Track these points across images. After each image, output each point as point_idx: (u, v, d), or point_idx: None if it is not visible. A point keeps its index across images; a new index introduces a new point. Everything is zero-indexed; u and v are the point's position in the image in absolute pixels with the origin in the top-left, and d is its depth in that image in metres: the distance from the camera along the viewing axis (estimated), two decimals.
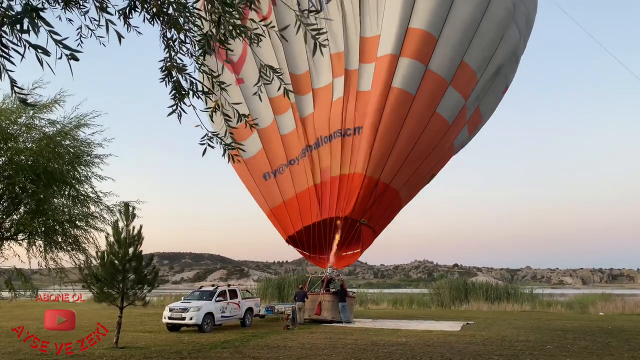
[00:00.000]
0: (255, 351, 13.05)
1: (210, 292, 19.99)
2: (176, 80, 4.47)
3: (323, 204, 21.89)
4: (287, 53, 21.76)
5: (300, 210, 22.75)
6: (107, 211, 13.40)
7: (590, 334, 16.74)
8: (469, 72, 20.68)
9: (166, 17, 4.28)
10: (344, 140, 21.24)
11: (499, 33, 21.15)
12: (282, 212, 23.73)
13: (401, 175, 21.04)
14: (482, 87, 21.89)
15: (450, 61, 20.13)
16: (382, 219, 22.60)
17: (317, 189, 22.06)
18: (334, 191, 21.55)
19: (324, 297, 22.39)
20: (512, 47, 22.52)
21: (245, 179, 24.84)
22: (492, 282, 40.43)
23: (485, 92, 22.66)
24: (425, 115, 20.36)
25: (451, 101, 20.71)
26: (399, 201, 22.39)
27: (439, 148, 21.77)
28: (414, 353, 12.49)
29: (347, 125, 21.20)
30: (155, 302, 34.36)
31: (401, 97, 19.90)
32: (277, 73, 4.56)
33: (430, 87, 20.07)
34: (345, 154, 21.20)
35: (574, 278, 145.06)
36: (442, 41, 19.85)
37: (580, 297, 35.41)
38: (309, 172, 22.20)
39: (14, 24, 3.03)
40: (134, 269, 14.37)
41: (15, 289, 12.37)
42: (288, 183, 23.02)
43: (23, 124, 11.49)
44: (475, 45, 20.39)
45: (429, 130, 20.63)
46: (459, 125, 21.95)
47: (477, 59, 20.76)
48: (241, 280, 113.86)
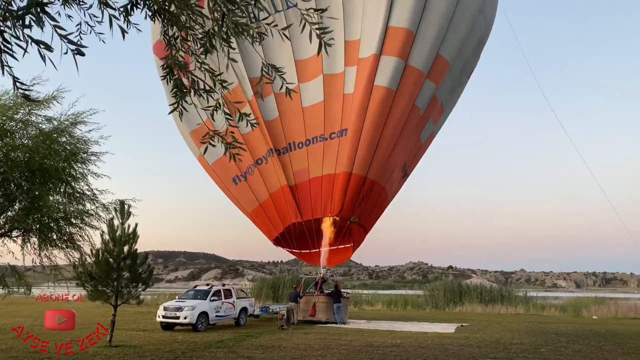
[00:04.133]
0: (250, 351, 13.02)
1: (205, 291, 19.93)
2: (177, 78, 4.45)
3: (303, 204, 21.82)
4: (244, 55, 20.65)
5: (279, 212, 22.63)
6: (103, 209, 13.35)
7: (584, 338, 16.79)
8: (443, 63, 21.03)
9: (167, 14, 4.26)
10: (328, 144, 21.26)
11: (470, 23, 21.60)
12: (260, 214, 23.65)
13: (386, 170, 21.17)
14: (452, 76, 22.18)
15: (428, 55, 20.45)
16: (372, 215, 22.68)
17: (292, 190, 21.87)
18: (317, 192, 21.52)
19: (319, 298, 22.38)
20: (479, 35, 22.97)
21: (218, 184, 24.71)
22: (486, 285, 40.48)
23: (453, 82, 22.94)
24: (406, 108, 20.61)
25: (426, 92, 21.07)
26: (386, 197, 22.47)
27: (415, 139, 22.01)
28: (408, 355, 12.49)
29: (333, 129, 21.23)
30: (149, 301, 34.21)
31: (384, 95, 20.09)
32: (280, 72, 4.55)
33: (410, 82, 20.34)
34: (330, 156, 21.20)
35: (567, 281, 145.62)
36: (421, 36, 20.14)
37: (574, 301, 35.49)
38: (279, 172, 21.98)
39: (18, 19, 3.00)
40: (129, 267, 14.30)
41: (8, 286, 12.28)
42: (259, 184, 22.80)
43: (19, 120, 11.42)
44: (449, 38, 20.74)
45: (408, 123, 20.90)
46: (428, 114, 22.17)
47: (451, 51, 21.12)
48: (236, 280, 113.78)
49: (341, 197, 20.71)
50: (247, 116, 5.02)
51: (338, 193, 20.84)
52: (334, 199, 21.01)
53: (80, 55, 3.47)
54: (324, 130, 21.29)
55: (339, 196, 20.78)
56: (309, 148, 21.54)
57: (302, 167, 21.71)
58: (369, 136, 20.22)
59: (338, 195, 20.83)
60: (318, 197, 21.56)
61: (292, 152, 21.79)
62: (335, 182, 20.99)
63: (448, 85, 22.59)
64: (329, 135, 21.25)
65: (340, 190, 20.73)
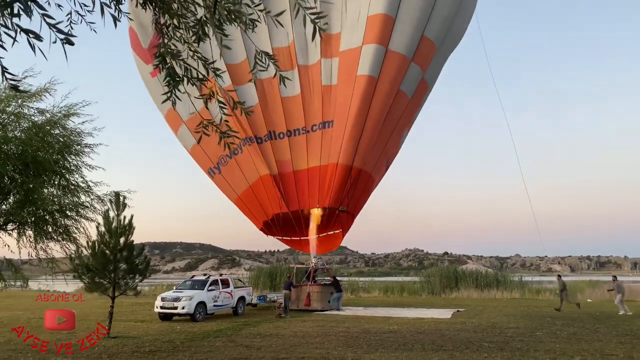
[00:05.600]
0: (248, 340, 13.08)
1: (202, 281, 19.98)
2: (170, 66, 4.41)
3: (288, 195, 21.79)
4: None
5: (261, 202, 22.54)
6: (98, 201, 13.26)
7: (579, 321, 16.98)
8: (428, 44, 20.79)
9: (159, 2, 4.20)
10: (310, 136, 21.17)
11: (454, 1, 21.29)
12: (242, 205, 23.60)
13: (372, 157, 21.17)
14: (439, 56, 21.94)
15: (411, 39, 20.24)
16: (359, 202, 22.72)
17: (275, 179, 21.74)
18: (303, 184, 21.51)
19: (312, 288, 22.58)
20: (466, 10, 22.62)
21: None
22: (482, 270, 40.73)
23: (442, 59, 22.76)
24: (390, 94, 20.52)
25: (412, 76, 20.89)
26: (372, 182, 22.51)
27: (401, 123, 21.93)
28: (405, 340, 12.58)
29: (314, 121, 21.12)
30: (146, 292, 34.33)
31: (366, 83, 20.02)
32: (273, 60, 4.51)
33: (392, 67, 20.19)
34: (314, 148, 21.16)
35: (562, 266, 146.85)
36: (400, 20, 19.93)
37: (569, 285, 35.76)
38: (258, 162, 21.78)
39: (5, 7, 2.95)
40: (125, 259, 14.29)
41: (5, 280, 12.24)
42: (237, 175, 22.62)
43: (11, 113, 11.30)
44: (434, 17, 20.45)
45: (394, 108, 20.81)
46: (418, 99, 22.06)
47: (436, 31, 20.84)
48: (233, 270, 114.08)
49: (329, 189, 20.77)
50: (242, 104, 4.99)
51: (326, 185, 20.89)
52: (322, 192, 21.07)
53: (70, 44, 3.42)
54: (304, 123, 21.21)
55: (327, 188, 20.84)
56: (292, 140, 21.41)
57: (285, 158, 21.60)
58: (354, 126, 20.21)
59: (326, 187, 20.89)
60: (304, 189, 21.59)
61: (273, 141, 21.56)
62: (322, 175, 21.02)
63: (435, 66, 22.36)
64: (310, 127, 21.20)
65: (328, 182, 20.79)
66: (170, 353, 11.12)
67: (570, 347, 11.46)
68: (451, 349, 11.24)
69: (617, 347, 11.49)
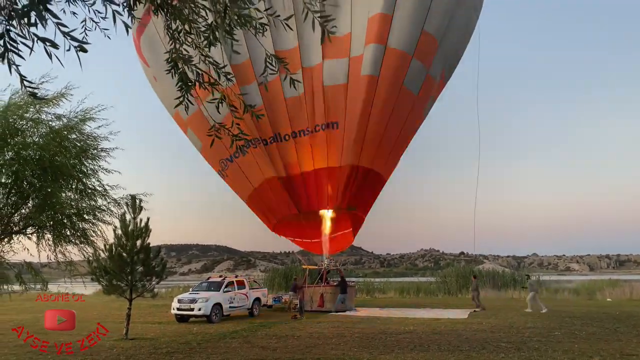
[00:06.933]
0: (264, 341, 13.14)
1: (218, 283, 20.12)
2: (182, 71, 4.47)
3: (297, 197, 21.83)
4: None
5: (268, 204, 22.56)
6: (115, 204, 13.42)
7: (598, 320, 16.73)
8: (429, 39, 20.48)
9: (170, 8, 4.26)
10: (315, 137, 21.16)
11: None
12: (251, 206, 23.70)
13: (379, 156, 21.07)
14: (445, 48, 21.58)
15: (409, 35, 19.99)
16: (368, 201, 22.68)
17: (283, 182, 21.72)
18: (311, 186, 21.53)
19: (325, 289, 22.73)
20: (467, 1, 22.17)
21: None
22: (498, 270, 40.40)
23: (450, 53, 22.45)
24: (392, 92, 20.30)
25: (415, 72, 20.62)
26: (381, 180, 22.44)
27: (409, 120, 21.79)
28: (421, 341, 12.53)
29: (317, 122, 21.12)
30: (163, 294, 34.63)
31: (368, 83, 19.95)
32: (283, 62, 4.54)
33: (392, 64, 20.00)
34: (320, 150, 21.15)
35: (581, 264, 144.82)
36: (398, 17, 19.71)
37: (588, 284, 35.30)
38: (263, 164, 21.72)
39: (22, 17, 3.03)
40: (142, 261, 14.48)
41: (25, 282, 12.43)
42: (240, 178, 22.61)
43: (30, 119, 11.50)
44: (433, 11, 20.10)
45: (399, 105, 20.64)
46: (427, 94, 21.86)
47: (436, 25, 20.46)
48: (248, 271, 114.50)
49: (338, 190, 20.79)
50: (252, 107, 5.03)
51: (335, 186, 20.89)
52: (330, 193, 21.09)
53: (83, 51, 3.50)
54: (308, 124, 21.20)
55: (336, 189, 20.86)
56: (297, 141, 21.41)
57: (292, 160, 21.62)
58: (359, 126, 20.17)
59: (335, 188, 20.90)
60: (313, 190, 21.61)
61: (280, 142, 21.56)
62: (330, 176, 21.04)
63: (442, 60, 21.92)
64: (314, 127, 21.19)
65: (336, 183, 20.79)
66: (187, 354, 11.22)
67: (589, 347, 11.31)
68: (468, 350, 11.17)
69: (638, 346, 11.32)
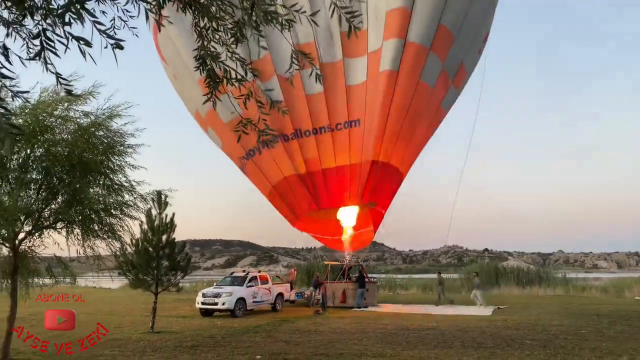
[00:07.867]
0: (287, 335, 13.24)
1: (242, 277, 20.32)
2: (210, 68, 4.54)
3: (319, 194, 21.86)
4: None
5: (289, 200, 22.52)
6: (141, 200, 13.60)
7: (627, 319, 16.39)
8: (445, 32, 20.35)
9: (198, 5, 4.33)
10: (336, 134, 21.21)
11: None
12: (272, 202, 23.78)
13: (398, 151, 20.98)
14: (461, 42, 21.35)
15: (427, 28, 19.87)
16: (389, 196, 22.62)
17: (302, 178, 21.71)
18: (332, 183, 21.58)
19: (347, 285, 22.87)
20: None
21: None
22: (523, 267, 39.83)
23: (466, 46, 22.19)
24: (410, 86, 20.22)
25: (432, 66, 20.50)
26: (400, 175, 22.35)
27: (427, 114, 21.62)
28: (445, 337, 12.47)
29: (338, 120, 21.13)
30: (188, 288, 35.08)
31: (387, 78, 19.87)
32: (308, 58, 4.57)
33: (411, 58, 19.90)
34: (342, 147, 21.24)
35: (608, 262, 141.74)
36: (417, 11, 19.62)
37: (616, 281, 34.59)
38: (284, 160, 21.72)
39: (59, 17, 3.12)
40: (167, 256, 14.75)
41: (55, 276, 12.73)
42: (260, 174, 22.63)
43: (59, 116, 11.73)
44: (450, 4, 19.99)
45: (416, 100, 20.51)
46: (443, 87, 21.66)
47: (452, 18, 20.34)
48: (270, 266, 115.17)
49: (358, 186, 20.80)
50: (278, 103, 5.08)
51: (355, 183, 20.92)
52: (351, 190, 21.16)
53: (119, 48, 3.59)
54: (329, 121, 21.25)
55: (356, 186, 20.86)
56: (317, 138, 21.46)
57: (313, 156, 21.66)
58: (379, 123, 20.15)
59: (355, 185, 20.91)
60: (334, 187, 21.68)
61: (300, 139, 21.62)
62: (351, 173, 21.11)
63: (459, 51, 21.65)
64: (335, 125, 21.25)
65: (358, 180, 20.81)
66: (212, 348, 11.39)
67: (617, 346, 11.11)
68: (492, 347, 11.08)
69: None
